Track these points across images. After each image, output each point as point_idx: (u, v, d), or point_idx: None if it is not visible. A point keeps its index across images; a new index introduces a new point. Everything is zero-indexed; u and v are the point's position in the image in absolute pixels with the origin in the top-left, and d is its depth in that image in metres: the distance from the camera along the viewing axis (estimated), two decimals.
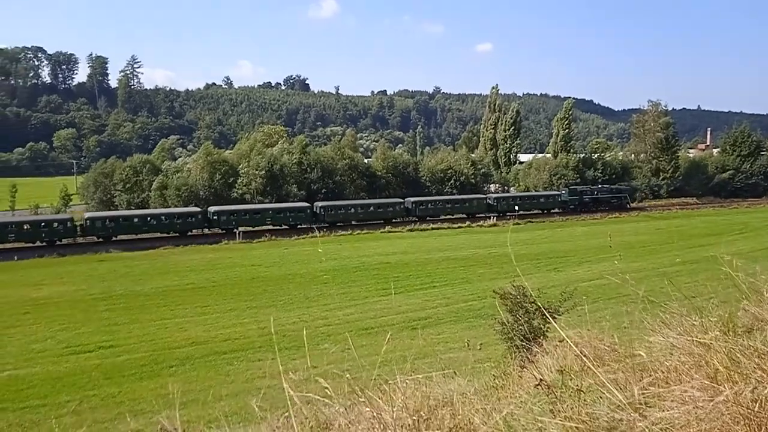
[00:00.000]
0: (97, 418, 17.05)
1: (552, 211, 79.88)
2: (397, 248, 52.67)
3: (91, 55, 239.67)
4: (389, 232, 65.00)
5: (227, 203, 68.48)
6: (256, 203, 69.31)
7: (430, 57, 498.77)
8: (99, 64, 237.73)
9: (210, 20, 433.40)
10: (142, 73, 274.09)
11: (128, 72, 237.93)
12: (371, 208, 70.33)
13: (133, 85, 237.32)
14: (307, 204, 68.12)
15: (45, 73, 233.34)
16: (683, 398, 3.07)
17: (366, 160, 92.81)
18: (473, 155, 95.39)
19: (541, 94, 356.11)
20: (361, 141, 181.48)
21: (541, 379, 4.05)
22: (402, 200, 72.87)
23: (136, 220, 60.26)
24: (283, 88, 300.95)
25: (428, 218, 71.98)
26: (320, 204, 68.35)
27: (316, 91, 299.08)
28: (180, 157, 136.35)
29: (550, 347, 6.58)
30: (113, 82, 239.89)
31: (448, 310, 30.34)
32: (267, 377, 20.79)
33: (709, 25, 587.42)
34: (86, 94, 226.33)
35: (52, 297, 35.77)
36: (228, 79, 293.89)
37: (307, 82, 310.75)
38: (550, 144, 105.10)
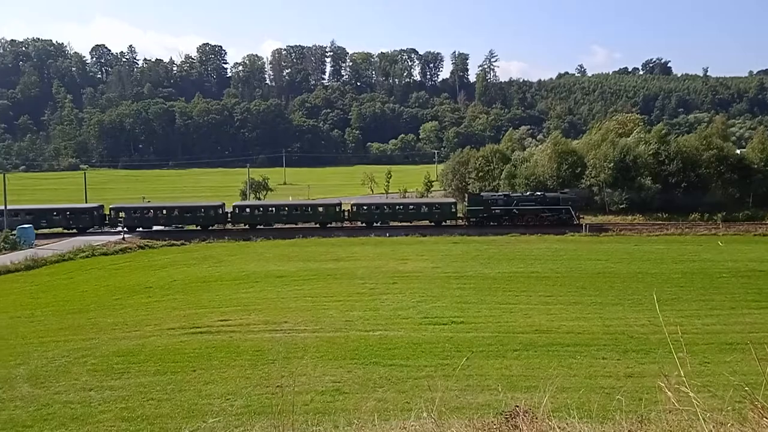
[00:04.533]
0: (449, 386, 18.70)
1: (444, 224, 62.62)
2: None
3: (454, 52, 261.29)
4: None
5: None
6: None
7: None
8: (460, 61, 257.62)
9: (562, 7, 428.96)
10: (498, 67, 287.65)
11: (485, 66, 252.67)
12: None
13: (489, 78, 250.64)
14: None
15: (416, 72, 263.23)
16: None
17: (738, 151, 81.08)
18: None
19: None
20: (733, 129, 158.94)
21: None
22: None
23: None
24: (640, 73, 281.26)
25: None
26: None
27: (678, 75, 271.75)
28: (529, 146, 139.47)
29: None
30: (472, 77, 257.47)
31: None
32: (612, 377, 20.09)
33: None
34: (448, 90, 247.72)
35: (414, 271, 40.44)
36: (581, 67, 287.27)
37: (668, 65, 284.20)
38: None
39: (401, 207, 64.56)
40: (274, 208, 63.64)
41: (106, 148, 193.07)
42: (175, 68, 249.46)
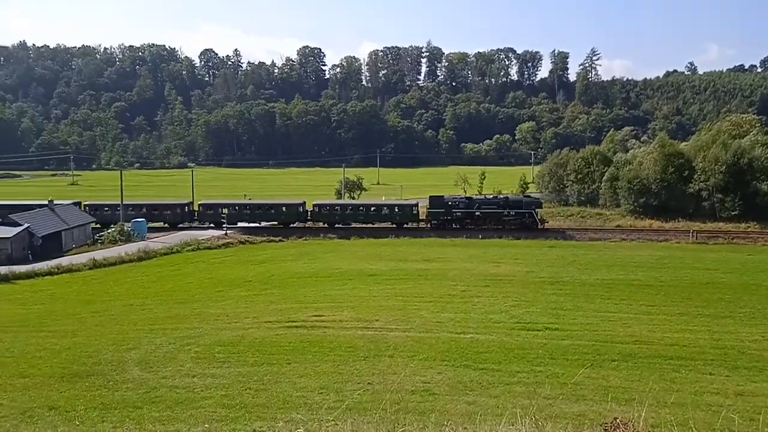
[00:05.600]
0: (544, 393, 18.18)
1: (405, 226, 63.03)
2: None
3: (553, 51, 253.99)
4: None
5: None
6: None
7: None
8: (560, 60, 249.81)
9: (672, 3, 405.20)
10: (600, 65, 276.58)
11: (587, 65, 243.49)
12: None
13: (591, 77, 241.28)
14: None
15: (513, 72, 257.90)
16: None
17: None
18: None
19: None
20: None
21: None
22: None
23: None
24: (759, 70, 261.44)
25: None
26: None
27: None
28: (632, 148, 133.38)
29: None
30: (572, 76, 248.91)
31: None
32: (720, 394, 18.84)
33: None
34: (546, 89, 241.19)
35: (507, 275, 39.70)
36: (691, 64, 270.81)
37: None
38: None
39: (363, 208, 65.80)
40: (238, 207, 65.77)
41: (211, 148, 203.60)
42: (276, 70, 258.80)
